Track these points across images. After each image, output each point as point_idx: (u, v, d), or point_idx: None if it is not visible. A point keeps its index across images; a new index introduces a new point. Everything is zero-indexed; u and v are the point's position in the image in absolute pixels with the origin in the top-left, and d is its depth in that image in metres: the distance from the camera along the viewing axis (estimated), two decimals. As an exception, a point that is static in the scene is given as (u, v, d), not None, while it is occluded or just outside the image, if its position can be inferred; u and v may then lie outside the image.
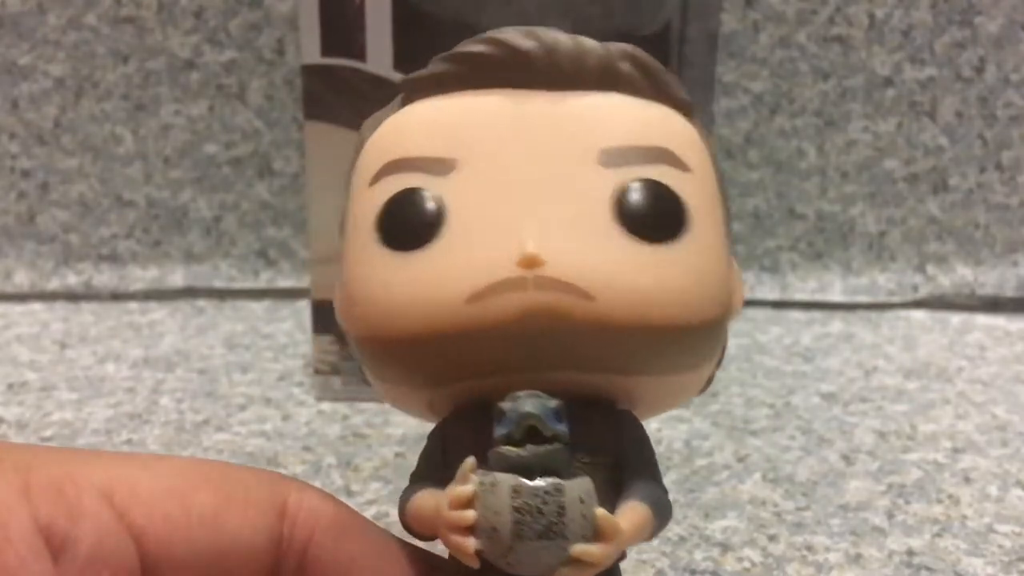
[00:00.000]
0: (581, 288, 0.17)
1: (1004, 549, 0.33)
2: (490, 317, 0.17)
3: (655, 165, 0.19)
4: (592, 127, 0.19)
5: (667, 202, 0.18)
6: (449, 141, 0.19)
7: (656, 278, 0.18)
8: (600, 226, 0.18)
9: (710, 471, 0.38)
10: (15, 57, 0.57)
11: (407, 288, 0.18)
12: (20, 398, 0.44)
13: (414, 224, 0.18)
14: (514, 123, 0.19)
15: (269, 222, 0.60)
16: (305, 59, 0.40)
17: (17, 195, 0.59)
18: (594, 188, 0.18)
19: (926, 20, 0.57)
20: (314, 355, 0.44)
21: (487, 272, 0.18)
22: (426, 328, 0.18)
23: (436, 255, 0.18)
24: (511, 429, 0.17)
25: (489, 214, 0.18)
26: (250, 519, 0.19)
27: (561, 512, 0.16)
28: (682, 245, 0.18)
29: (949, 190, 0.59)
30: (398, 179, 0.19)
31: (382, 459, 0.39)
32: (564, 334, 0.18)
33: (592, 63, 0.19)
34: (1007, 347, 0.53)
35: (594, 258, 0.18)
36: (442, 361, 0.18)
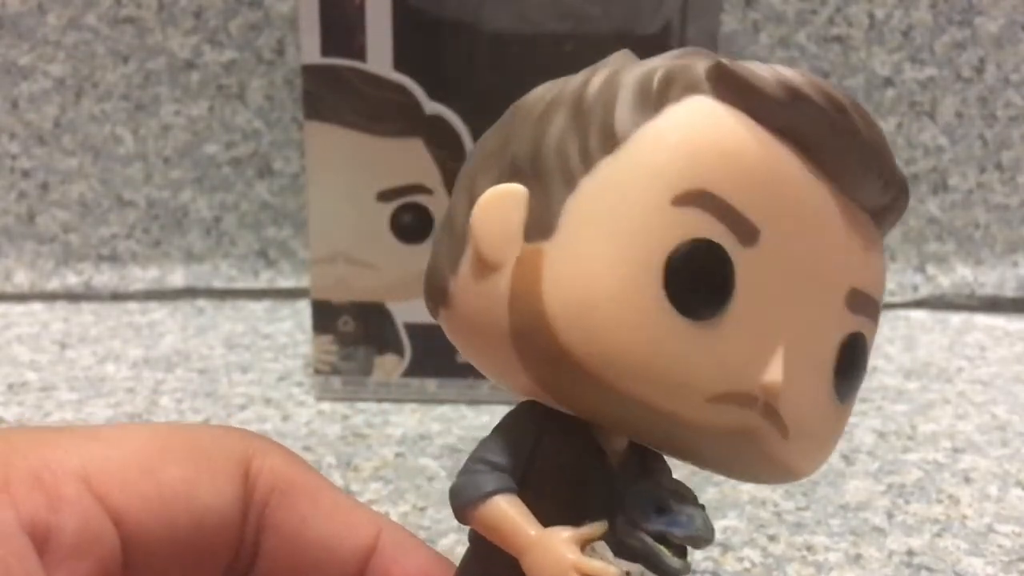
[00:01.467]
0: (786, 427, 0.17)
1: (1004, 549, 0.33)
2: (710, 419, 0.17)
3: (869, 320, 0.18)
4: (853, 260, 0.18)
5: (864, 364, 0.18)
6: (763, 203, 0.16)
7: (831, 437, 0.19)
8: (823, 372, 0.18)
9: (710, 471, 0.38)
10: (15, 57, 0.57)
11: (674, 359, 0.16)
12: (20, 398, 0.44)
13: (709, 293, 0.16)
14: (815, 220, 0.17)
15: (269, 222, 0.60)
16: (305, 59, 0.40)
17: (17, 195, 0.59)
18: (833, 330, 0.18)
19: (926, 20, 0.57)
20: (314, 355, 0.44)
21: (735, 379, 0.17)
22: (664, 406, 0.16)
23: (712, 337, 0.16)
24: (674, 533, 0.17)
25: (762, 313, 0.17)
26: (219, 488, 0.19)
27: None
28: (847, 407, 0.19)
29: (949, 190, 0.59)
30: (705, 221, 0.16)
31: (382, 459, 0.39)
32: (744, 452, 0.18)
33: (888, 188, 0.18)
34: (1007, 347, 0.53)
35: (807, 402, 0.18)
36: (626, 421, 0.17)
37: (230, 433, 0.20)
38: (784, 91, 0.16)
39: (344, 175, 0.41)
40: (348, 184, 0.41)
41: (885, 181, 0.18)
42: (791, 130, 0.17)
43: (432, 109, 0.40)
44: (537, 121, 0.17)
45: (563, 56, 0.40)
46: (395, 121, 0.40)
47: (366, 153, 0.41)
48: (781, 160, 0.17)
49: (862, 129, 0.17)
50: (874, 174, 0.17)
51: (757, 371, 0.17)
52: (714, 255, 0.16)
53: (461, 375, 0.43)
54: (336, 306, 0.43)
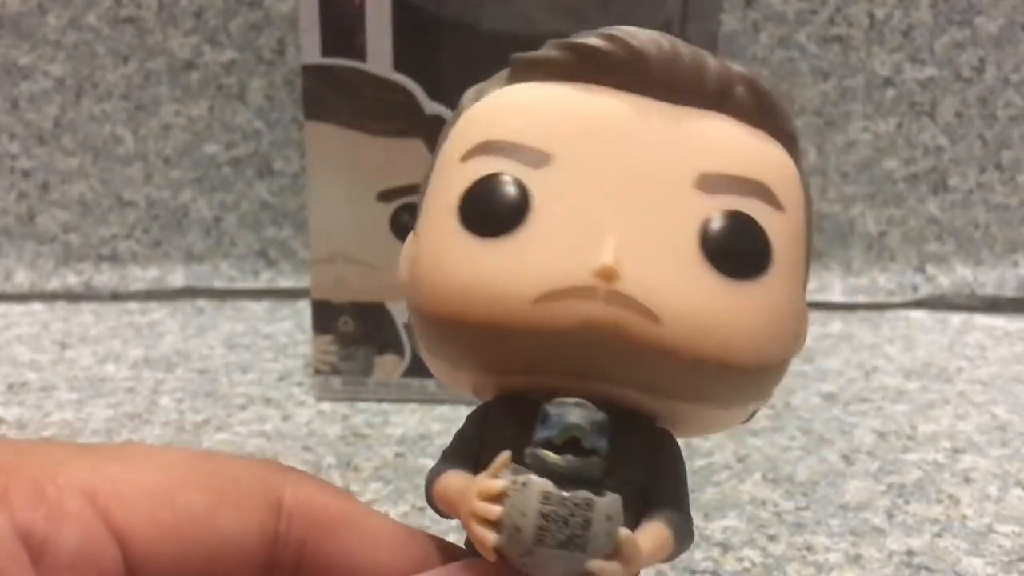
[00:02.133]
0: (650, 310, 0.17)
1: (1004, 549, 0.33)
2: (553, 321, 0.17)
3: (750, 199, 0.18)
4: (695, 148, 0.19)
5: (755, 240, 0.18)
6: (549, 133, 0.19)
7: (728, 315, 0.18)
8: (682, 252, 0.18)
9: (710, 471, 0.38)
10: (15, 57, 0.57)
11: (478, 275, 0.18)
12: (20, 398, 0.44)
13: (498, 211, 0.18)
14: (617, 128, 0.19)
15: (269, 222, 0.60)
16: (305, 59, 0.40)
17: (17, 195, 0.59)
18: (685, 212, 0.18)
19: (926, 20, 0.57)
20: (314, 355, 0.44)
21: (560, 275, 0.17)
22: (489, 319, 0.18)
23: (513, 247, 0.18)
24: (553, 435, 0.17)
25: (574, 216, 0.18)
26: (242, 517, 0.18)
27: (586, 526, 0.16)
28: (760, 285, 0.18)
29: (949, 190, 0.59)
30: (490, 161, 0.18)
31: (382, 459, 0.39)
32: (622, 351, 0.17)
33: (710, 81, 0.19)
34: (1007, 347, 0.53)
35: (669, 282, 0.17)
36: (498, 353, 0.18)
37: (260, 465, 0.20)
38: (562, 49, 0.19)
39: (344, 175, 0.41)
40: (348, 184, 0.41)
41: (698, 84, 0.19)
42: (584, 74, 0.19)
43: (432, 109, 0.40)
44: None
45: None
46: (395, 121, 0.40)
47: (366, 153, 0.41)
48: (571, 95, 0.19)
49: (648, 51, 0.19)
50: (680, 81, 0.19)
51: (587, 263, 0.17)
52: (498, 180, 0.18)
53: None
54: (336, 306, 0.43)
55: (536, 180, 0.18)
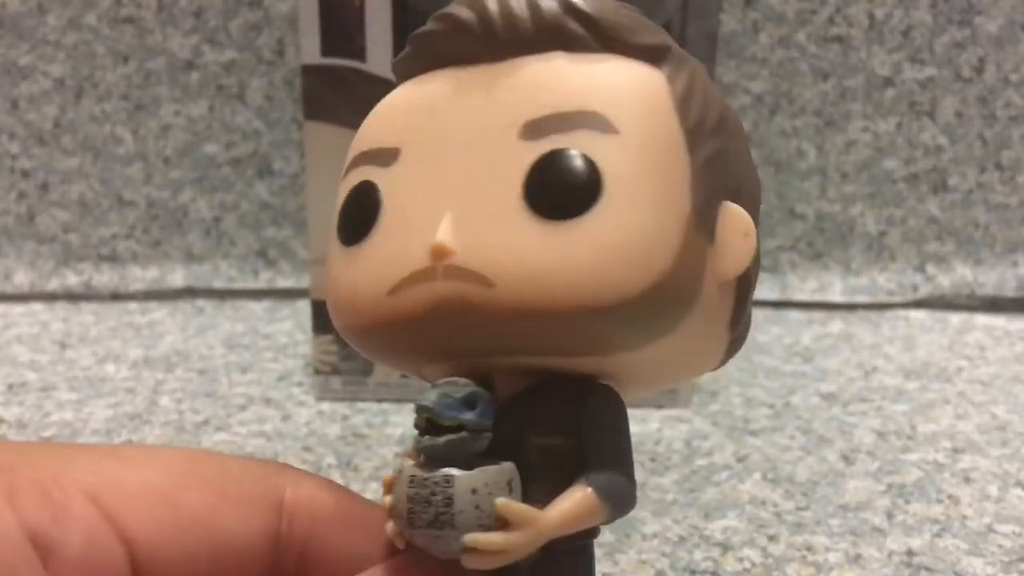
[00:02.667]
0: (483, 275, 0.17)
1: (1004, 549, 0.33)
2: (405, 308, 0.18)
3: (575, 132, 0.17)
4: (520, 98, 0.18)
5: (574, 174, 0.17)
6: (394, 129, 0.19)
7: (556, 259, 0.17)
8: (509, 209, 0.17)
9: (710, 471, 0.38)
10: (15, 57, 0.57)
11: (347, 283, 0.19)
12: (20, 398, 0.44)
13: (356, 218, 0.19)
14: (451, 104, 0.18)
15: (269, 222, 0.60)
16: (305, 59, 0.40)
17: (17, 195, 0.59)
18: (509, 166, 0.17)
19: (926, 20, 0.57)
20: (314, 355, 0.44)
21: (405, 264, 0.18)
22: (359, 321, 0.18)
23: (370, 248, 0.18)
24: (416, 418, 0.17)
25: (417, 203, 0.18)
26: (244, 517, 0.18)
27: (448, 503, 0.16)
28: (592, 219, 0.17)
29: (949, 190, 0.59)
30: (357, 172, 0.19)
31: (382, 459, 0.39)
32: (473, 322, 0.17)
33: (527, 26, 0.18)
34: (1007, 347, 0.53)
35: (496, 243, 0.17)
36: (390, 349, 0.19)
37: (261, 464, 0.20)
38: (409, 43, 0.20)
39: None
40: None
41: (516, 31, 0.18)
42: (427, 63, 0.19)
43: (432, 109, 0.40)
44: None
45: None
46: (395, 121, 0.40)
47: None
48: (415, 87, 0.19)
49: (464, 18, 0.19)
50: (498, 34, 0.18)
51: (423, 248, 0.17)
52: (357, 188, 0.19)
53: (461, 375, 0.43)
54: (336, 306, 0.43)
55: (387, 178, 0.19)
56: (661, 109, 0.18)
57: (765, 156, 0.59)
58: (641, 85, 0.18)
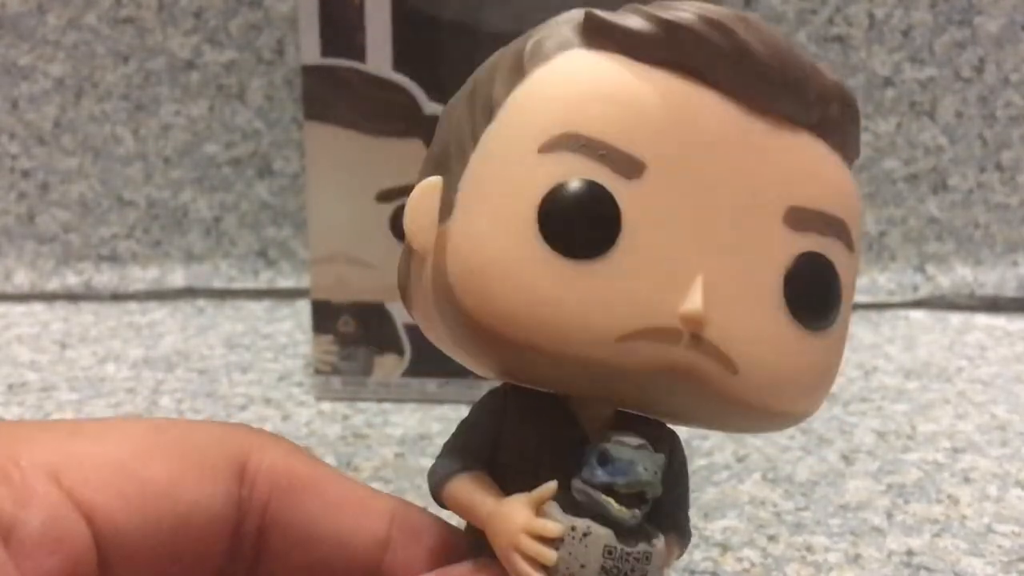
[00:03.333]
0: (731, 359, 0.16)
1: (1004, 549, 0.33)
2: (632, 361, 0.16)
3: (831, 239, 0.17)
4: (787, 177, 0.17)
5: (832, 290, 0.17)
6: (646, 137, 0.16)
7: (800, 368, 0.17)
8: (767, 299, 0.17)
9: (710, 471, 0.38)
10: (15, 57, 0.57)
11: (564, 303, 0.16)
12: (20, 398, 0.44)
13: (589, 231, 0.16)
14: (715, 142, 0.17)
15: (269, 222, 0.60)
16: (305, 59, 0.40)
17: (17, 195, 0.59)
18: (772, 251, 0.17)
19: (926, 20, 0.57)
20: (314, 355, 0.44)
21: (649, 315, 0.16)
22: (567, 350, 0.16)
23: (601, 276, 0.16)
24: (619, 483, 0.16)
25: (665, 246, 0.16)
26: (208, 486, 0.18)
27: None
28: (827, 336, 0.17)
29: (949, 190, 0.59)
30: (577, 162, 0.16)
31: (382, 459, 0.39)
32: (692, 396, 0.17)
33: (811, 93, 0.17)
34: (1007, 347, 0.53)
35: (751, 332, 0.17)
36: (557, 375, 0.17)
37: (227, 430, 0.20)
38: (658, 25, 0.16)
39: (344, 175, 0.41)
40: (348, 184, 0.41)
41: (802, 94, 0.17)
42: (677, 62, 0.17)
43: (432, 109, 0.40)
44: (448, 114, 0.18)
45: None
46: (395, 121, 0.40)
47: (366, 153, 0.41)
48: (667, 92, 0.16)
49: (755, 47, 0.16)
50: (786, 88, 0.17)
51: (674, 303, 0.16)
52: (590, 192, 0.16)
53: (461, 375, 0.43)
54: (336, 306, 0.43)
55: (628, 194, 0.16)
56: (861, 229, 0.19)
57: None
58: (859, 204, 0.18)
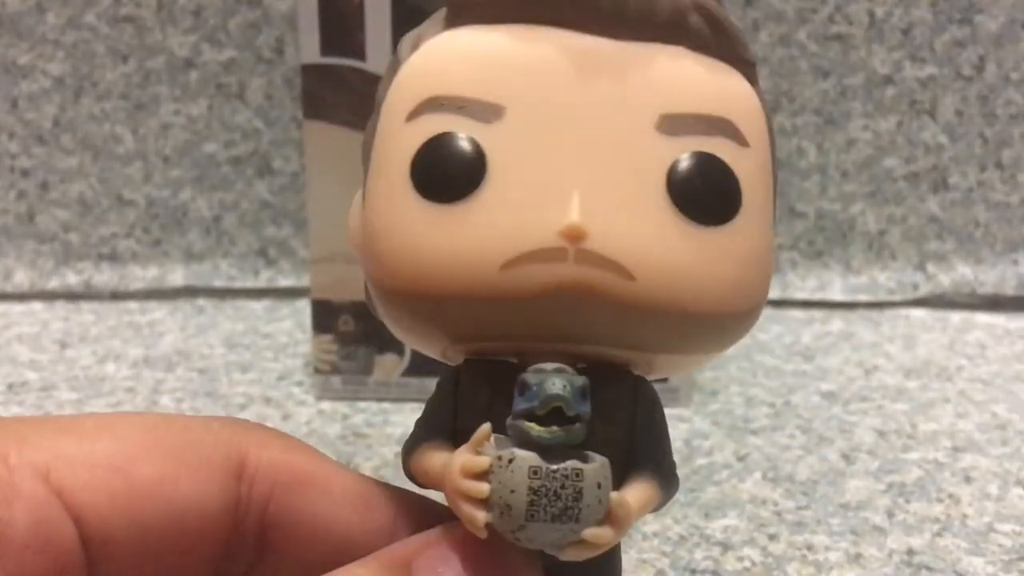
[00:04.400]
0: (624, 266, 0.17)
1: (1004, 548, 0.33)
2: (524, 286, 0.17)
3: (716, 138, 0.17)
4: (655, 88, 0.17)
5: (724, 182, 0.17)
6: (498, 84, 0.17)
7: (702, 264, 0.17)
8: (651, 201, 0.17)
9: (710, 470, 0.38)
10: (14, 56, 0.57)
11: (440, 245, 0.17)
12: (20, 398, 0.44)
13: (454, 174, 0.17)
14: (570, 72, 0.17)
15: (269, 221, 0.60)
16: (304, 58, 0.40)
17: (17, 194, 0.59)
18: (650, 158, 0.17)
19: (926, 18, 0.57)
20: (314, 355, 0.44)
21: (527, 238, 0.16)
22: (457, 290, 0.17)
23: (474, 212, 0.17)
24: (535, 406, 0.16)
25: (534, 173, 0.17)
26: (203, 485, 0.18)
27: (578, 497, 0.16)
28: (732, 230, 0.17)
29: (949, 188, 0.59)
30: (439, 119, 0.17)
31: (382, 459, 0.39)
32: (596, 311, 0.17)
33: (662, 10, 0.18)
34: (1007, 346, 0.53)
35: (640, 235, 0.17)
36: (466, 323, 0.17)
37: (225, 425, 0.19)
38: None
39: (344, 174, 0.41)
40: (348, 183, 0.41)
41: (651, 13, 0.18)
42: (527, 16, 0.18)
43: (432, 108, 0.40)
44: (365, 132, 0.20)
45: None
46: (395, 120, 0.40)
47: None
48: (519, 40, 0.18)
49: None
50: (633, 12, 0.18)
51: (553, 223, 0.16)
52: (449, 140, 0.17)
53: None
54: (336, 305, 0.43)
55: (490, 136, 0.17)
56: (766, 131, 0.19)
57: (765, 155, 0.59)
58: (756, 104, 0.18)
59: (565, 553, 0.16)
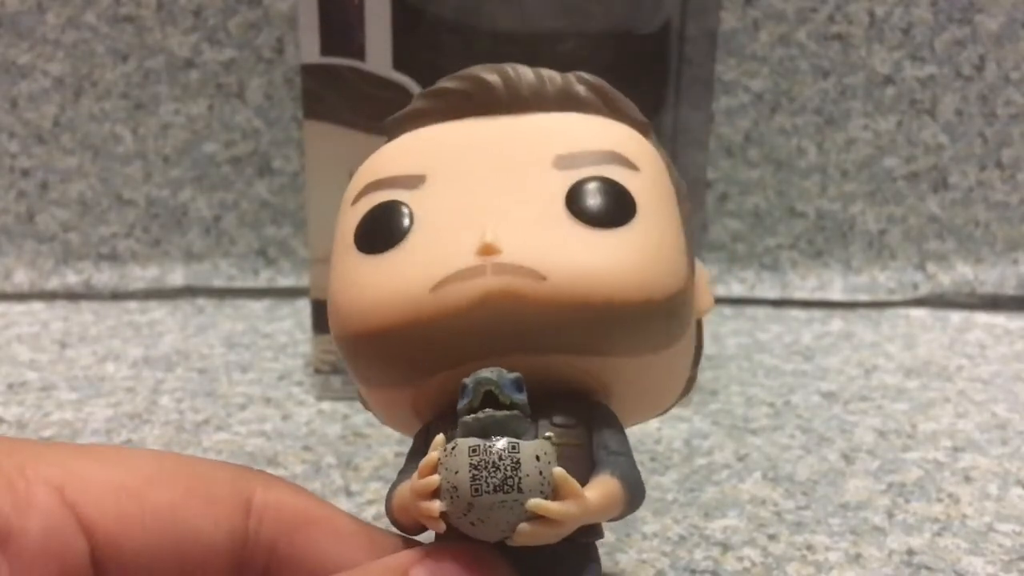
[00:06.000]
0: (534, 270, 0.19)
1: (1004, 548, 0.33)
2: (452, 303, 0.19)
3: (606, 165, 0.20)
4: (548, 138, 0.21)
5: (615, 193, 0.20)
6: (420, 160, 0.21)
7: (604, 257, 0.19)
8: (553, 217, 0.19)
9: (710, 470, 0.38)
10: (14, 56, 0.57)
11: (377, 284, 0.19)
12: (20, 398, 0.44)
13: (385, 228, 0.20)
14: (478, 140, 0.21)
15: (269, 221, 0.60)
16: (304, 58, 0.40)
17: (17, 194, 0.59)
18: (548, 186, 0.20)
19: (926, 18, 0.57)
20: (314, 355, 0.44)
21: (450, 263, 0.19)
22: (394, 319, 0.19)
23: (405, 253, 0.20)
24: (471, 397, 0.18)
25: (453, 215, 0.20)
26: (211, 515, 0.19)
27: (516, 466, 0.17)
28: (630, 229, 0.20)
29: (949, 188, 0.59)
30: (376, 196, 0.21)
31: (382, 459, 0.39)
32: (522, 315, 0.19)
33: (550, 88, 0.21)
34: (1007, 345, 0.53)
35: (546, 243, 0.19)
36: (414, 351, 0.19)
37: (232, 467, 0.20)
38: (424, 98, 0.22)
39: (344, 174, 0.41)
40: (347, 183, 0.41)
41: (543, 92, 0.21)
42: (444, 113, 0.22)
43: (432, 108, 0.40)
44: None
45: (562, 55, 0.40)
46: (395, 120, 0.40)
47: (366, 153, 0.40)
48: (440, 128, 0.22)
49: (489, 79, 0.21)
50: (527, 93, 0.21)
51: (471, 247, 0.19)
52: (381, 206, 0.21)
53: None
54: (336, 305, 0.43)
55: (415, 198, 0.20)
56: (661, 164, 0.21)
57: (765, 154, 0.59)
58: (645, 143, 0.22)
59: (521, 536, 0.17)
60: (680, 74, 0.40)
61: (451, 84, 0.22)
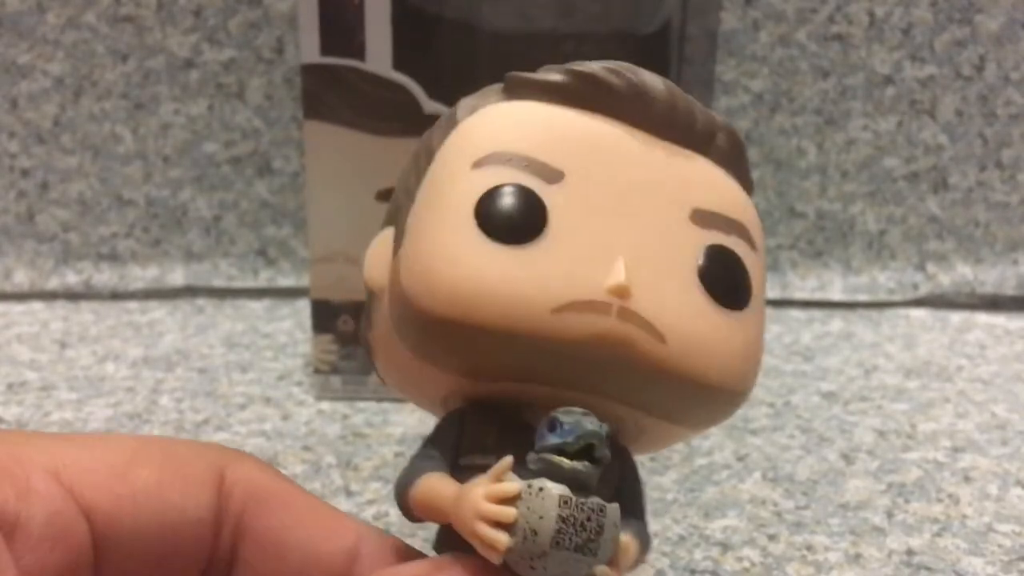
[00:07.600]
0: (657, 329, 0.18)
1: (1004, 548, 0.33)
2: (569, 332, 0.18)
3: (733, 237, 0.20)
4: (689, 185, 0.20)
5: (741, 274, 0.20)
6: (563, 153, 0.20)
7: (721, 341, 0.19)
8: (683, 279, 0.19)
9: (710, 470, 0.38)
10: (14, 56, 0.57)
11: (501, 280, 0.18)
12: (20, 398, 0.44)
13: (519, 220, 0.19)
14: (622, 154, 0.20)
15: (269, 221, 0.60)
16: (304, 58, 0.40)
17: (17, 194, 0.59)
18: (683, 242, 0.20)
19: (926, 18, 0.57)
20: (314, 355, 0.44)
21: (578, 289, 0.18)
22: (507, 323, 0.18)
23: (533, 258, 0.18)
24: (568, 441, 0.17)
25: (588, 235, 0.19)
26: (191, 493, 0.19)
27: (600, 531, 0.17)
28: (744, 316, 0.20)
29: (949, 188, 0.59)
30: (506, 171, 0.19)
31: (382, 459, 0.39)
32: (625, 367, 0.18)
33: (699, 125, 0.21)
34: (1007, 346, 0.53)
35: (674, 306, 0.19)
36: (501, 356, 0.19)
37: (205, 445, 0.21)
38: (568, 75, 0.20)
39: (344, 175, 0.41)
40: (348, 184, 0.41)
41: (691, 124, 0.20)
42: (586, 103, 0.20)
43: (432, 108, 0.40)
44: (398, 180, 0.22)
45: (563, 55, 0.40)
46: (395, 121, 0.40)
47: (366, 153, 0.41)
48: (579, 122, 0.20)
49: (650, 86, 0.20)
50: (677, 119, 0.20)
51: (601, 280, 0.18)
52: (518, 190, 0.19)
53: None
54: (336, 305, 0.43)
55: (551, 195, 0.19)
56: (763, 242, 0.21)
57: (765, 155, 0.58)
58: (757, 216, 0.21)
59: None
60: (680, 74, 0.40)
61: (604, 75, 0.20)
